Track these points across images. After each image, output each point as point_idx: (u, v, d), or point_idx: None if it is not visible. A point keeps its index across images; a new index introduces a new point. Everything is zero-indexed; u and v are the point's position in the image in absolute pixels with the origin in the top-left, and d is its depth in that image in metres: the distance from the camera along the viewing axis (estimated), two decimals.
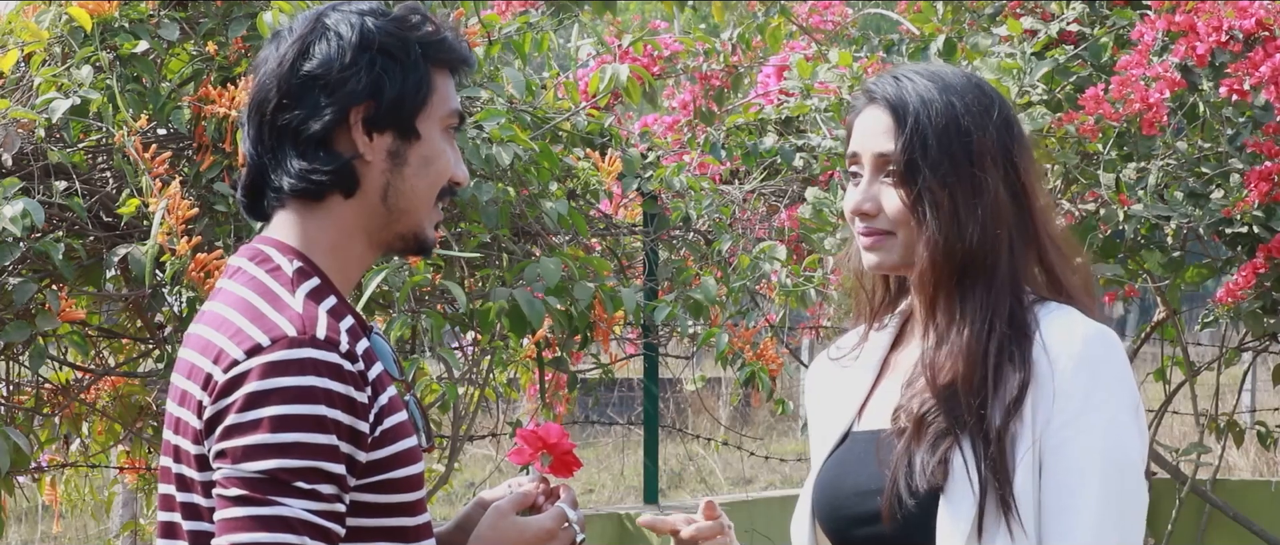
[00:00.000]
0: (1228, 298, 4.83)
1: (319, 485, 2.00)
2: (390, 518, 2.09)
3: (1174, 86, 4.72)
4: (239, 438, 2.01)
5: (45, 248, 3.66)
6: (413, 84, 2.13)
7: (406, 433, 2.11)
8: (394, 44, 2.12)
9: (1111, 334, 2.26)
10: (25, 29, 3.82)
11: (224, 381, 2.03)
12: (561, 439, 2.28)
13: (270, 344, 2.03)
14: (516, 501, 2.24)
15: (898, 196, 2.27)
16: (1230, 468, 6.73)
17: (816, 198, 5.00)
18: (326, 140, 2.11)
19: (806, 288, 4.92)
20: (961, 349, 2.24)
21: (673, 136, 5.57)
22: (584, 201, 4.61)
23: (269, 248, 2.14)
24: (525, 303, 4.07)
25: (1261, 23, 4.72)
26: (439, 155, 2.15)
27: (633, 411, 9.82)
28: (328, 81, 2.10)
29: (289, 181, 2.12)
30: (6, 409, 4.25)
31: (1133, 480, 2.24)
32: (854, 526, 2.31)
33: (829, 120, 5.35)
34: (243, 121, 2.18)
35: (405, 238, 2.17)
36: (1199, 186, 5.05)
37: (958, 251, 2.25)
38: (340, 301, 2.12)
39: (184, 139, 3.96)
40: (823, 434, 2.40)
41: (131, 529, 5.68)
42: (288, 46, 2.13)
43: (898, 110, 2.28)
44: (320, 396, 2.01)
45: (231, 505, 2.00)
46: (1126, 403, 2.24)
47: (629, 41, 5.26)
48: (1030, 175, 2.30)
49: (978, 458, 2.20)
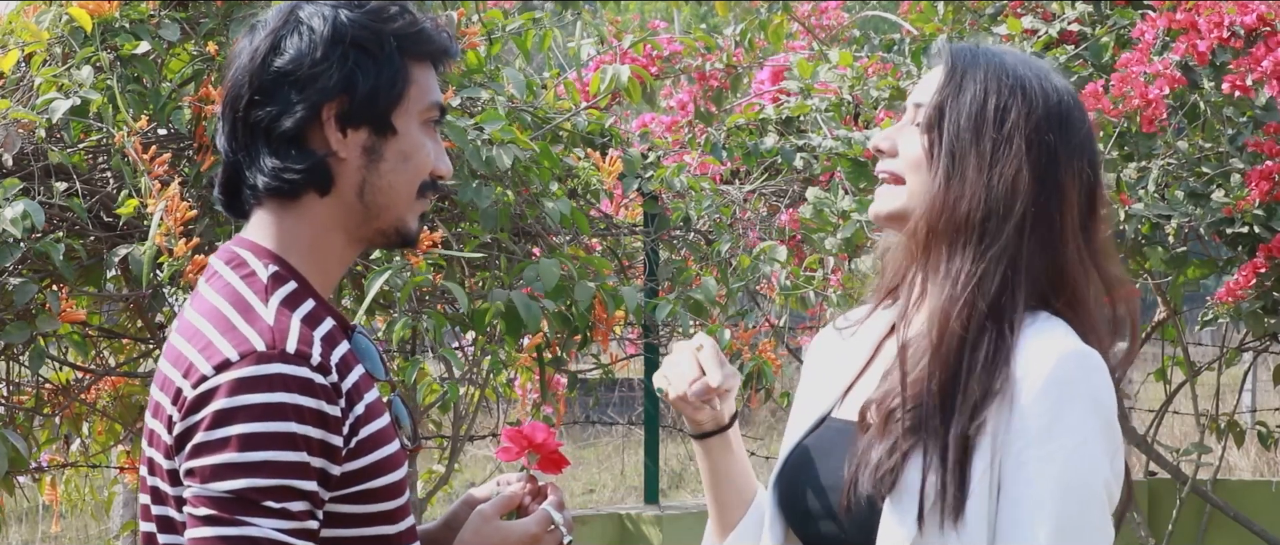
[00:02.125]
0: (1228, 297, 4.82)
1: (289, 503, 1.96)
2: (370, 527, 2.05)
3: (1174, 83, 4.71)
4: (207, 456, 1.96)
5: (45, 248, 3.66)
6: (387, 78, 2.07)
7: (386, 439, 2.06)
8: (367, 37, 2.07)
9: (1092, 355, 2.16)
10: (25, 29, 3.82)
11: (192, 398, 1.98)
12: (548, 437, 2.25)
13: (239, 359, 1.97)
14: (501, 504, 2.21)
15: (918, 141, 2.24)
16: (1231, 468, 6.73)
17: (817, 198, 4.99)
18: (299, 137, 2.06)
19: (807, 288, 4.91)
20: (934, 312, 2.17)
21: (673, 137, 5.56)
22: (584, 201, 4.61)
23: (244, 251, 2.09)
24: (522, 305, 4.07)
25: (1263, 18, 4.71)
26: (417, 150, 2.10)
27: (633, 411, 9.82)
28: (299, 77, 2.05)
29: (263, 180, 2.07)
30: (7, 409, 4.25)
31: (1095, 511, 2.11)
32: (811, 522, 2.26)
33: (829, 120, 5.34)
34: (217, 117, 2.13)
35: (386, 233, 2.12)
36: (1200, 186, 5.04)
37: (956, 213, 2.19)
38: (319, 304, 2.08)
39: (184, 139, 3.96)
40: (803, 411, 2.36)
41: (131, 529, 5.67)
42: (260, 40, 2.08)
43: (953, 66, 2.25)
44: (289, 413, 1.96)
45: (201, 525, 1.96)
46: (1095, 429, 2.12)
47: (629, 42, 5.26)
48: (1072, 180, 2.22)
49: (930, 466, 2.12)
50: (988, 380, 2.13)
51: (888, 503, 2.14)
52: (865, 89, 5.49)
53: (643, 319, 4.65)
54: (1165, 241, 5.23)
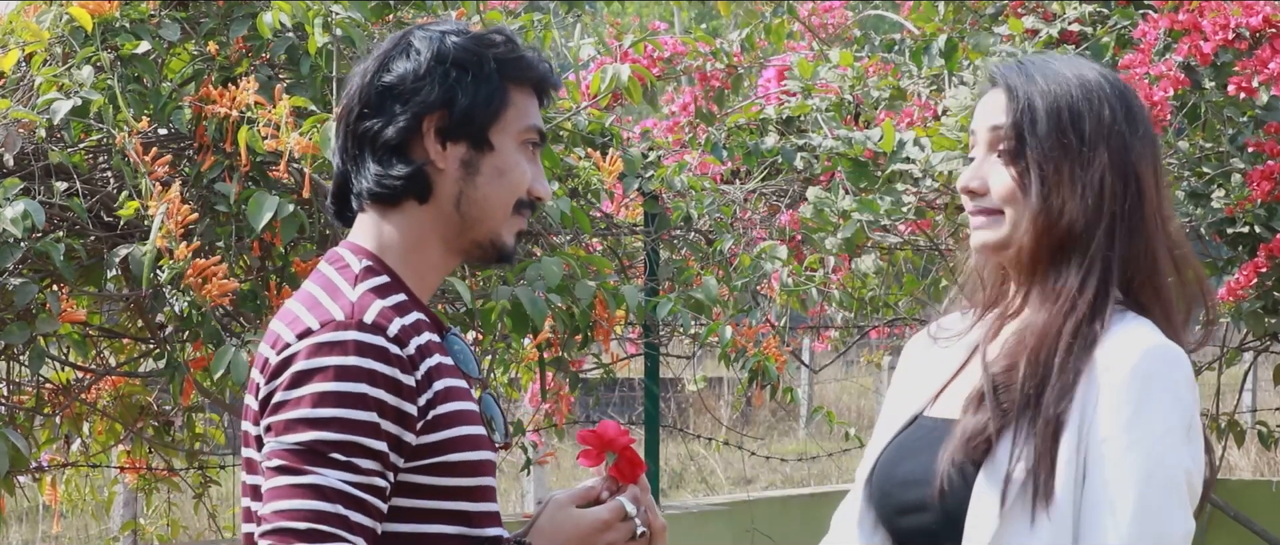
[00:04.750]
0: (1229, 297, 4.82)
1: (357, 458, 2.09)
2: (449, 501, 2.17)
3: (1178, 85, 4.71)
4: (283, 413, 2.11)
5: (46, 248, 3.66)
6: (485, 96, 2.22)
7: (468, 420, 2.18)
8: (469, 58, 2.23)
9: (1176, 351, 2.23)
10: (26, 29, 3.82)
11: (276, 362, 2.15)
12: (620, 436, 2.29)
13: (319, 327, 2.13)
14: (577, 495, 2.30)
15: (1007, 174, 2.28)
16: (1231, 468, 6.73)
17: (818, 198, 4.99)
18: (402, 147, 2.22)
19: (808, 288, 4.91)
20: (1040, 328, 2.24)
21: (674, 136, 5.56)
22: (585, 201, 4.61)
23: (344, 250, 2.25)
24: (528, 301, 4.06)
25: (1269, 20, 4.71)
26: (513, 167, 2.24)
27: (634, 411, 9.82)
28: (402, 90, 2.22)
29: (367, 186, 2.23)
30: (7, 409, 4.25)
31: (1175, 501, 2.19)
32: (900, 515, 2.31)
33: (830, 120, 5.34)
34: (332, 134, 2.33)
35: (482, 245, 2.26)
36: (1200, 186, 5.04)
37: (1059, 228, 2.25)
38: (410, 298, 2.22)
39: (185, 139, 3.96)
40: (893, 414, 2.41)
41: (132, 529, 5.68)
42: (371, 62, 2.26)
43: (1012, 87, 2.30)
44: (362, 375, 2.10)
45: (273, 475, 2.10)
46: (1178, 421, 2.19)
47: (629, 42, 5.26)
48: (1147, 167, 2.28)
49: (1020, 448, 2.19)
50: (1075, 372, 2.21)
51: (982, 473, 2.20)
52: (866, 89, 5.49)
53: (643, 318, 4.65)
54: None
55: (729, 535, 6.64)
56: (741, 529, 6.69)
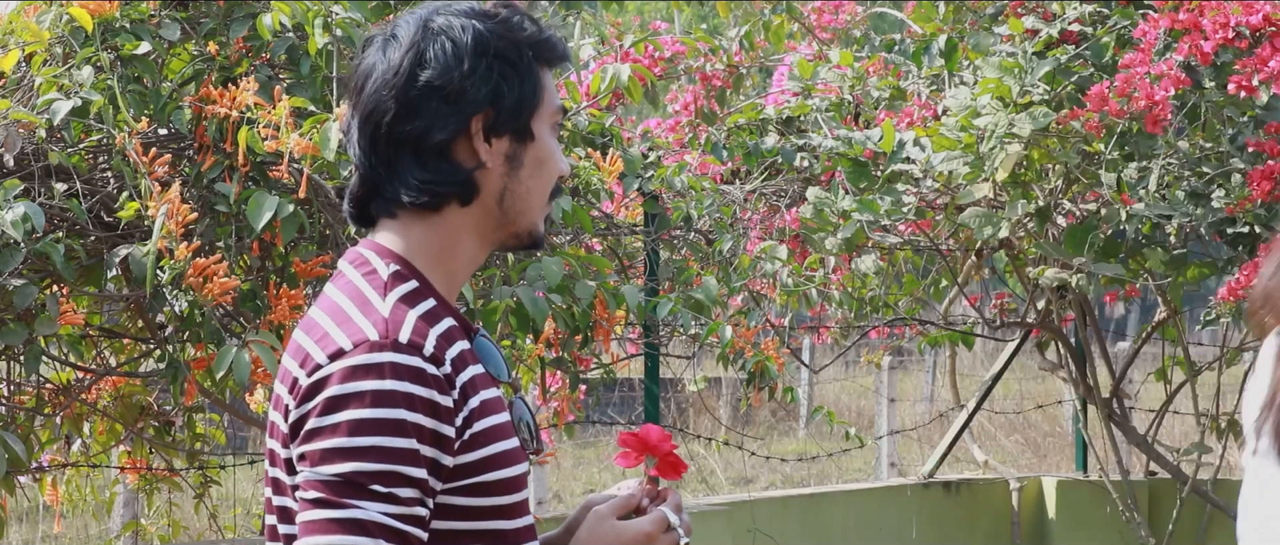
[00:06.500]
0: (1229, 297, 4.82)
1: (397, 488, 1.99)
2: (485, 521, 2.08)
3: (1179, 84, 4.71)
4: (318, 441, 2.01)
5: (46, 249, 3.66)
6: (529, 88, 2.12)
7: (504, 435, 2.10)
8: (509, 48, 2.11)
9: None
10: (26, 29, 3.82)
11: (307, 385, 2.03)
12: (663, 440, 2.25)
13: (352, 348, 2.02)
14: (618, 506, 2.23)
15: None
16: (1231, 468, 6.73)
17: (818, 198, 4.99)
18: (447, 149, 2.09)
19: (808, 287, 4.92)
20: None
21: (674, 136, 5.57)
22: (585, 201, 4.61)
23: (369, 251, 2.13)
24: (529, 301, 4.06)
25: (1269, 19, 4.71)
26: (551, 155, 2.15)
27: (633, 411, 9.82)
28: (449, 90, 2.08)
29: (408, 194, 2.10)
30: (8, 409, 4.25)
31: None
32: None
33: (830, 120, 5.34)
34: (351, 131, 2.14)
35: (519, 235, 2.16)
36: (1200, 186, 5.04)
37: None
38: (439, 303, 2.11)
39: (185, 139, 3.96)
40: None
41: (132, 529, 5.68)
42: (399, 54, 2.10)
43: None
44: (400, 400, 2.00)
45: (310, 508, 2.00)
46: None
47: (630, 42, 5.26)
48: None
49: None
50: None
51: None
52: (866, 89, 5.49)
53: (643, 318, 4.65)
54: (1166, 241, 5.23)
55: (729, 535, 6.64)
56: (741, 529, 6.68)
